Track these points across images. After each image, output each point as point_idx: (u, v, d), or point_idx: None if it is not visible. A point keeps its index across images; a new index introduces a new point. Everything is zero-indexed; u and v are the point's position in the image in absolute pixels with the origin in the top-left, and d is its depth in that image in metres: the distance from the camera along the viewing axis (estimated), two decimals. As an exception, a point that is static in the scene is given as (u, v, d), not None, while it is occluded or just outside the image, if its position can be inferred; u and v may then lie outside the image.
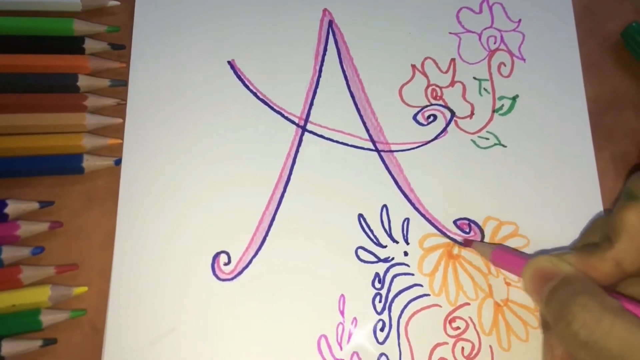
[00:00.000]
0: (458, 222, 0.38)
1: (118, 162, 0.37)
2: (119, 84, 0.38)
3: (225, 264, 0.36)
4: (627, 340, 0.25)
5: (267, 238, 0.36)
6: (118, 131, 0.38)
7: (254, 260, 0.36)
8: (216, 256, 0.36)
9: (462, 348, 0.35)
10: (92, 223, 0.36)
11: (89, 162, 0.36)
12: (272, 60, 0.40)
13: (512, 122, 0.41)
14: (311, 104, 0.40)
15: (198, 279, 0.35)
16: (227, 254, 0.36)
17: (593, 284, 0.29)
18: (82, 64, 0.38)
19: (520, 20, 0.43)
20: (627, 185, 0.31)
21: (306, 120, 0.39)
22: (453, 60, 0.42)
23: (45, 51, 0.38)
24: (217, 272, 0.35)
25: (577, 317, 0.26)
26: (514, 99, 0.41)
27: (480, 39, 0.43)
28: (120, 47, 0.39)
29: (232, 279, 0.35)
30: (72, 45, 0.39)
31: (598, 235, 0.32)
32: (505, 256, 0.35)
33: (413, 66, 0.41)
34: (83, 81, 0.38)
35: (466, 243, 0.38)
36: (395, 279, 0.36)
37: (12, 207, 0.35)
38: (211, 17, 0.41)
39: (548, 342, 0.32)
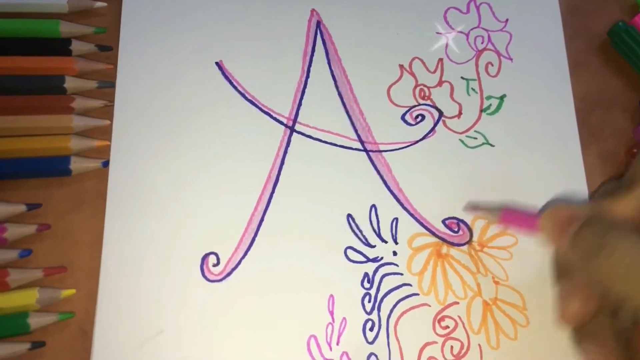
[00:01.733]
0: (447, 222, 0.38)
1: (106, 164, 0.37)
2: (107, 85, 0.38)
3: (214, 265, 0.36)
4: None
5: (256, 239, 0.36)
6: (106, 133, 0.37)
7: (243, 261, 0.36)
8: (205, 257, 0.36)
9: (452, 347, 0.36)
10: (80, 225, 0.36)
11: (76, 164, 0.36)
12: (260, 60, 0.40)
13: (499, 122, 0.41)
14: (299, 105, 0.40)
15: (187, 280, 0.35)
16: (216, 255, 0.36)
17: (617, 219, 0.29)
18: (69, 66, 0.38)
19: (507, 20, 0.43)
20: None
21: (294, 121, 0.39)
22: (441, 60, 0.42)
23: (31, 53, 0.38)
24: (206, 273, 0.35)
25: (619, 246, 0.27)
26: (502, 98, 0.41)
27: (467, 39, 0.43)
28: (108, 49, 0.39)
29: (221, 280, 0.35)
30: (59, 47, 0.38)
31: (607, 194, 0.31)
32: (515, 214, 0.35)
33: (401, 66, 0.41)
34: (70, 83, 0.37)
35: (472, 209, 0.38)
36: (384, 279, 0.37)
37: (-1, 210, 0.34)
38: (199, 18, 0.41)
39: (565, 293, 0.31)
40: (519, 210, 0.35)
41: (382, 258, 0.37)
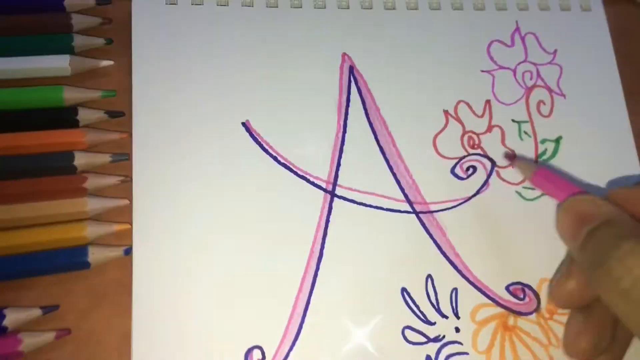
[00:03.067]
0: (511, 288, 0.34)
1: (128, 252, 0.32)
2: (121, 158, 0.34)
3: (260, 361, 0.32)
4: None
5: (303, 326, 0.32)
6: (125, 214, 0.33)
7: (291, 353, 0.32)
8: (248, 352, 0.32)
9: None
10: (103, 325, 0.32)
11: (95, 255, 0.32)
12: (290, 117, 0.36)
13: (558, 167, 0.37)
14: (338, 165, 0.35)
15: (231, 381, 0.31)
16: (261, 348, 0.32)
17: (637, 225, 0.26)
18: (77, 139, 0.33)
19: (556, 51, 0.39)
20: None
21: (334, 184, 0.35)
22: (488, 101, 0.38)
23: (32, 127, 0.33)
24: (252, 371, 0.31)
25: (622, 262, 0.24)
26: (557, 141, 0.37)
27: (515, 75, 0.39)
28: (119, 115, 0.35)
29: (268, 377, 0.31)
30: (64, 117, 0.34)
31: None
32: (548, 178, 0.32)
33: (446, 112, 0.37)
34: (80, 159, 0.33)
35: (509, 158, 0.36)
36: (448, 360, 0.33)
37: (12, 318, 0.30)
38: (220, 74, 0.36)
39: (567, 270, 0.29)
40: (554, 175, 0.32)
41: (444, 337, 0.33)
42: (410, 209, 0.35)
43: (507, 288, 0.34)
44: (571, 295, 0.29)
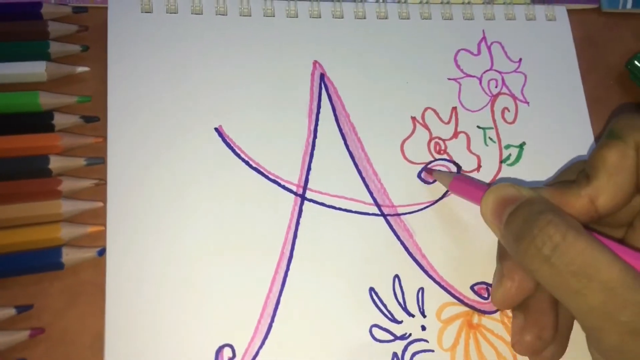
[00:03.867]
0: (475, 287, 0.36)
1: (102, 253, 0.33)
2: (96, 162, 0.35)
3: (230, 359, 0.32)
4: (589, 256, 0.25)
5: (273, 324, 0.33)
6: (99, 216, 0.34)
7: (261, 351, 0.33)
8: (219, 350, 0.33)
9: None
10: (77, 325, 0.32)
11: (69, 256, 0.32)
12: (262, 122, 0.37)
13: (520, 172, 0.38)
14: (309, 169, 0.36)
15: (202, 379, 0.32)
16: (231, 347, 0.33)
17: (554, 205, 0.28)
18: (53, 143, 0.34)
19: (520, 60, 0.41)
20: (611, 125, 0.29)
21: (305, 188, 0.36)
22: (454, 108, 0.39)
23: (9, 131, 0.34)
24: (222, 369, 0.32)
25: (543, 231, 0.26)
26: (521, 146, 0.39)
27: (480, 83, 0.40)
28: (94, 119, 0.35)
29: (238, 375, 0.32)
30: (40, 121, 0.35)
31: (574, 175, 0.31)
32: (464, 184, 0.34)
33: (413, 118, 0.38)
34: (55, 162, 0.34)
35: (428, 172, 0.37)
36: (415, 358, 0.34)
37: (-14, 317, 0.31)
38: (193, 81, 0.37)
39: (500, 272, 0.31)
40: (469, 180, 0.34)
41: (410, 335, 0.34)
42: (378, 212, 0.36)
43: (472, 288, 0.36)
44: (509, 295, 0.30)
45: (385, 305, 0.34)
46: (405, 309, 0.35)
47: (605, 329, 0.25)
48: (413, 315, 0.35)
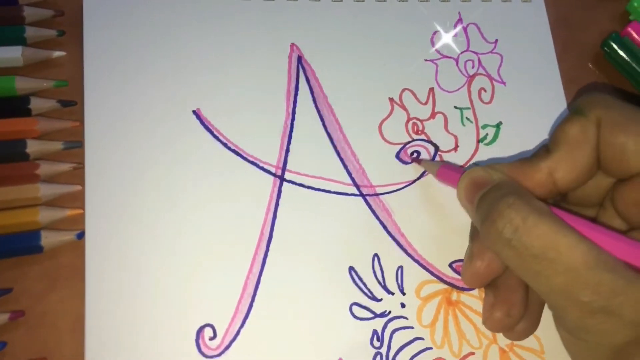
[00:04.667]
0: (454, 265, 0.36)
1: (81, 236, 0.33)
2: (74, 145, 0.35)
3: (211, 339, 0.33)
4: (550, 239, 0.25)
5: (254, 304, 0.34)
6: (77, 200, 0.34)
7: (242, 330, 0.33)
8: (200, 330, 0.33)
9: (472, 403, 0.33)
10: (57, 307, 0.32)
11: (47, 239, 0.32)
12: (240, 105, 0.37)
13: (497, 151, 0.39)
14: (287, 151, 0.37)
15: (182, 358, 0.32)
16: (212, 326, 0.33)
17: (522, 188, 0.29)
18: (30, 127, 0.34)
19: (496, 41, 0.41)
20: (576, 102, 0.30)
21: (283, 169, 0.36)
22: (432, 89, 0.39)
23: (-16, 116, 0.34)
24: (203, 348, 0.32)
25: (503, 214, 0.26)
26: (498, 126, 0.39)
27: (457, 64, 0.40)
28: (71, 104, 0.35)
29: (219, 354, 0.32)
30: (16, 106, 0.35)
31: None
32: (448, 172, 0.34)
33: (391, 99, 0.39)
34: (32, 147, 0.34)
35: (416, 161, 0.37)
36: (394, 335, 0.34)
37: (-36, 301, 0.31)
38: (170, 64, 0.37)
39: (470, 251, 0.31)
40: (453, 169, 0.34)
41: (390, 312, 0.34)
42: (357, 192, 0.36)
43: (450, 265, 0.36)
44: (478, 273, 0.31)
45: (365, 284, 0.35)
46: (384, 287, 0.35)
47: (568, 308, 0.25)
48: (392, 293, 0.35)
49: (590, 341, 0.25)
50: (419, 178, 0.37)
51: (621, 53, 0.42)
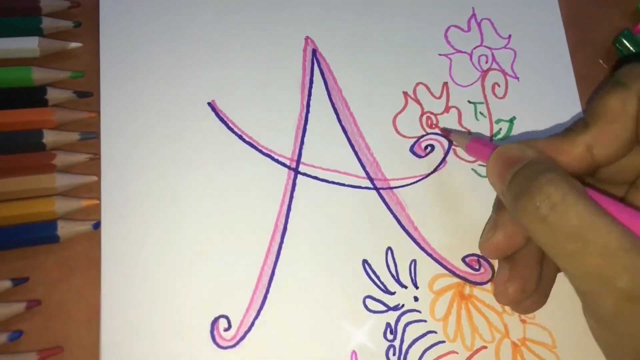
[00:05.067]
0: (467, 259, 0.36)
1: (97, 226, 0.33)
2: (90, 136, 0.35)
3: (226, 330, 0.33)
4: (586, 218, 0.24)
5: (268, 296, 0.34)
6: (93, 190, 0.34)
7: (257, 322, 0.33)
8: (215, 321, 0.33)
9: (484, 396, 0.34)
10: (73, 297, 0.32)
11: (64, 230, 0.32)
12: (255, 98, 0.37)
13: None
14: (302, 143, 0.37)
15: (197, 350, 0.32)
16: (227, 317, 0.33)
17: (559, 165, 0.28)
18: (46, 118, 0.34)
19: (510, 36, 0.41)
20: (616, 73, 0.29)
21: (298, 162, 0.36)
22: (446, 84, 0.39)
23: (2, 106, 0.34)
24: (218, 339, 0.33)
25: (543, 190, 0.25)
26: (511, 121, 0.39)
27: (471, 58, 0.40)
28: (87, 95, 0.36)
29: (234, 345, 0.33)
30: (33, 96, 0.35)
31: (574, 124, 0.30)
32: (479, 146, 0.33)
33: (405, 93, 0.39)
34: (49, 137, 0.34)
35: (445, 133, 0.37)
36: (407, 328, 0.34)
37: (-18, 289, 0.31)
38: (186, 56, 0.37)
39: (493, 221, 0.31)
40: (483, 141, 0.34)
41: (403, 305, 0.35)
42: (371, 185, 0.37)
43: (463, 259, 0.36)
44: (498, 246, 0.30)
45: (378, 277, 0.35)
46: (398, 281, 0.35)
47: (601, 294, 0.24)
48: (406, 287, 0.35)
49: (624, 332, 0.24)
50: (433, 172, 0.37)
51: (633, 50, 0.41)
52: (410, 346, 0.34)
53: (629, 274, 0.23)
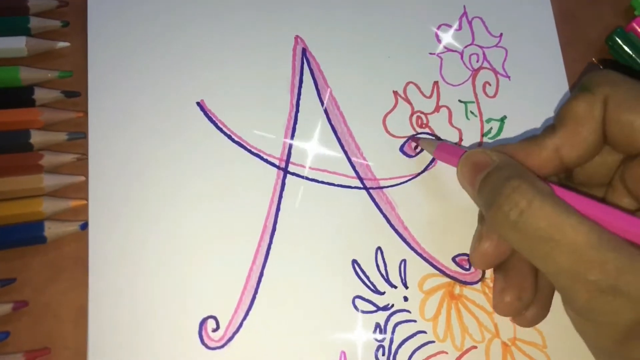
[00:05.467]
0: (457, 259, 0.36)
1: (84, 227, 0.33)
2: (78, 136, 0.35)
3: (214, 330, 0.33)
4: (554, 220, 0.25)
5: (257, 296, 0.34)
6: (81, 190, 0.34)
7: (245, 322, 0.33)
8: (203, 322, 0.33)
9: (474, 397, 0.33)
10: (60, 298, 0.32)
11: (51, 230, 0.32)
12: (244, 97, 0.37)
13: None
14: (291, 143, 0.36)
15: (185, 350, 0.32)
16: (215, 318, 0.33)
17: (525, 169, 0.29)
18: (34, 118, 0.34)
19: (501, 35, 0.41)
20: (583, 79, 0.30)
21: (287, 162, 0.36)
22: (436, 83, 0.39)
23: (-12, 107, 0.34)
24: (206, 340, 0.32)
25: (509, 198, 0.26)
26: (502, 120, 0.39)
27: (462, 57, 0.40)
28: (75, 94, 0.35)
29: (222, 346, 0.33)
30: (21, 96, 0.35)
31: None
32: (447, 150, 0.34)
33: (395, 93, 0.39)
34: (36, 137, 0.34)
35: (414, 140, 0.37)
36: (397, 328, 0.34)
37: (-32, 291, 0.31)
38: (175, 55, 0.37)
39: (478, 233, 0.31)
40: (451, 147, 0.34)
41: (392, 305, 0.34)
42: (361, 185, 0.36)
43: (453, 259, 0.36)
44: (486, 255, 0.31)
45: (367, 277, 0.35)
46: (387, 281, 0.35)
47: (576, 289, 0.25)
48: (395, 287, 0.35)
49: (599, 321, 0.25)
50: (422, 171, 0.37)
51: (626, 48, 0.41)
52: (399, 346, 0.34)
53: (598, 267, 0.24)
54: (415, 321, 0.34)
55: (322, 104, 0.38)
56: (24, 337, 0.31)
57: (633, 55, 0.41)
